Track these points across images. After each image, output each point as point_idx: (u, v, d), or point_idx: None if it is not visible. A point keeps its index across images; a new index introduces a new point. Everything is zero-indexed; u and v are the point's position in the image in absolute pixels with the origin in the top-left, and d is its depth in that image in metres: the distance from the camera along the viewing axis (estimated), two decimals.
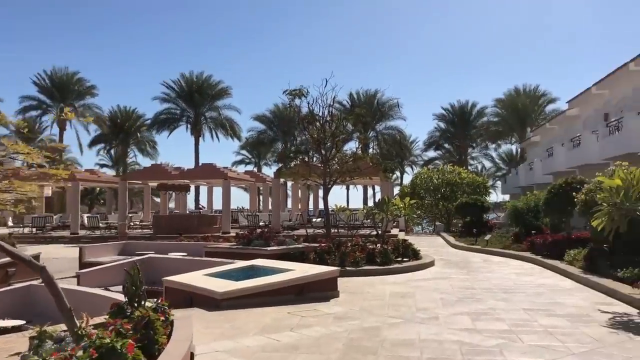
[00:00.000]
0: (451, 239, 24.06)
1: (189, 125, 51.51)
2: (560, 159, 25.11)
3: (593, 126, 23.52)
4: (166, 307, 5.36)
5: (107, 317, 5.19)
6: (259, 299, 8.98)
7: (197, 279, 9.92)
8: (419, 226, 42.60)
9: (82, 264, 15.28)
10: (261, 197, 39.27)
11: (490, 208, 29.80)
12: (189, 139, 51.79)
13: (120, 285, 13.01)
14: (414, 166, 61.87)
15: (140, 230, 31.16)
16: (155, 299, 5.66)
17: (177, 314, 5.66)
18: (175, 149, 78.83)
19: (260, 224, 27.53)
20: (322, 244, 14.22)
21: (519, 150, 52.78)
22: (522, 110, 49.46)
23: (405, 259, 14.49)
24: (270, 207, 37.91)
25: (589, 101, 25.47)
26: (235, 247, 14.14)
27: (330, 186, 18.18)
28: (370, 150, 56.83)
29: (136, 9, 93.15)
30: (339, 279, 11.65)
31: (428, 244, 23.32)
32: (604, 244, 11.85)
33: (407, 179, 47.24)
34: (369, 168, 19.05)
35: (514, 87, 52.27)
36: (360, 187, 57.50)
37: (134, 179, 30.44)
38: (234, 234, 27.12)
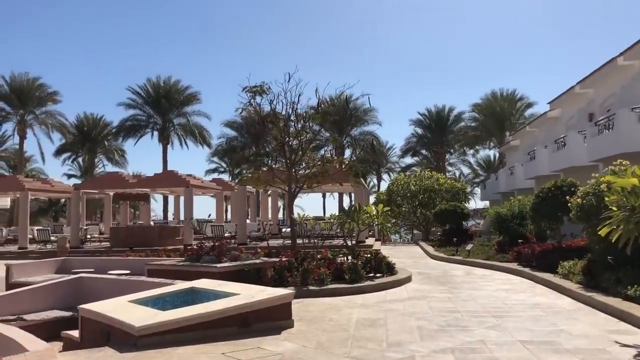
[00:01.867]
0: (430, 249, 22.40)
1: (156, 133, 49.18)
2: (544, 162, 23.69)
3: (577, 127, 22.18)
4: None
5: None
6: (190, 333, 7.09)
7: (117, 307, 7.97)
8: (396, 235, 41.03)
9: (9, 285, 13.19)
10: (229, 206, 37.33)
11: (470, 215, 28.32)
12: (159, 147, 49.53)
13: (43, 311, 11.08)
14: (391, 173, 60.48)
15: (98, 243, 28.89)
16: None
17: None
18: (146, 157, 76.11)
19: (226, 234, 25.54)
20: (283, 259, 12.37)
21: (498, 155, 51.66)
22: (500, 114, 48.32)
23: (378, 275, 12.71)
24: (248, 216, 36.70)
25: (571, 101, 24.16)
26: (181, 264, 12.18)
27: (296, 193, 16.38)
28: (346, 156, 55.37)
29: (100, 12, 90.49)
30: (299, 301, 9.90)
31: (405, 255, 21.62)
32: (607, 255, 10.21)
33: (384, 187, 45.64)
34: (339, 172, 17.30)
35: (491, 91, 51.25)
36: (336, 195, 55.79)
37: (88, 189, 28.17)
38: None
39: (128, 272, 13.49)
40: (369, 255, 13.70)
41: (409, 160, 59.33)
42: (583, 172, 18.59)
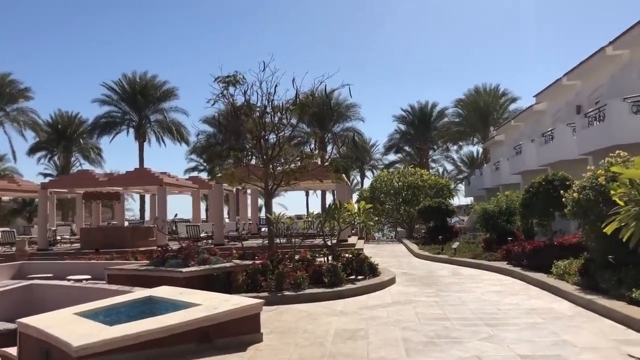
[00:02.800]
0: (414, 247, 21.59)
1: (132, 130, 47.66)
2: (530, 156, 22.99)
3: (564, 120, 21.50)
4: None
5: None
6: (141, 352, 6.12)
7: (60, 321, 6.95)
8: (380, 232, 40.23)
9: None
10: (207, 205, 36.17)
11: (455, 212, 27.59)
12: (136, 144, 47.97)
13: None
14: (374, 170, 59.60)
15: (69, 245, 27.59)
16: None
17: None
18: (123, 156, 74.22)
19: (202, 235, 24.44)
20: (257, 262, 11.40)
21: (482, 151, 51.14)
22: (484, 109, 47.71)
23: (360, 277, 11.80)
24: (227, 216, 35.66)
25: (558, 93, 23.49)
26: (143, 268, 11.13)
27: (273, 190, 15.42)
28: (328, 153, 54.49)
29: (74, 8, 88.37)
30: (273, 308, 9.00)
31: (389, 253, 20.78)
32: (607, 253, 9.40)
33: (368, 184, 44.71)
34: (319, 169, 16.36)
35: (474, 86, 50.64)
36: (320, 192, 54.82)
37: (57, 187, 26.83)
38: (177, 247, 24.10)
39: (89, 277, 12.43)
40: (350, 256, 12.80)
41: (392, 157, 58.62)
42: (572, 166, 17.90)
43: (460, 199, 56.91)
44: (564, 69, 22.08)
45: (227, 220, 32.55)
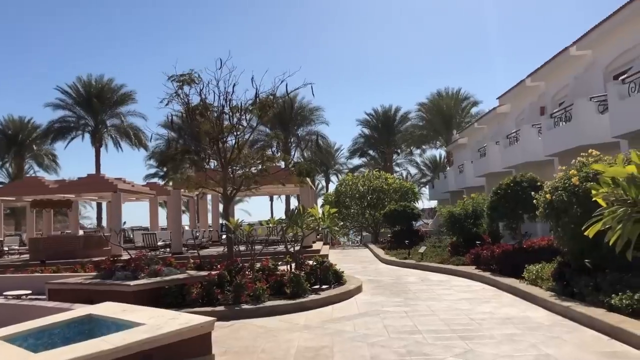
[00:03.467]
0: (380, 252, 21.05)
1: (87, 135, 45.78)
2: (495, 158, 22.81)
3: (528, 121, 21.33)
4: None
5: None
6: None
7: None
8: (345, 237, 39.69)
9: None
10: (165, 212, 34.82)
11: (420, 215, 27.23)
12: (92, 150, 46.01)
13: None
14: (339, 174, 59.14)
15: (17, 256, 26.04)
16: None
17: None
18: (80, 162, 71.44)
19: (160, 243, 23.33)
20: (213, 273, 10.59)
21: (445, 154, 51.27)
22: (447, 113, 47.83)
23: (324, 286, 11.11)
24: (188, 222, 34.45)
25: (522, 95, 23.42)
26: (88, 282, 10.17)
27: (232, 195, 14.62)
28: (292, 156, 53.78)
29: (23, 7, 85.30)
30: (229, 324, 8.26)
31: (354, 259, 20.18)
32: (581, 257, 8.98)
33: (333, 189, 44.07)
34: (281, 172, 15.62)
35: (437, 90, 50.84)
36: (284, 197, 53.98)
37: (2, 195, 25.25)
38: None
39: (29, 292, 11.35)
40: (314, 264, 12.12)
41: (357, 161, 58.34)
42: (538, 167, 17.71)
43: (424, 203, 57.02)
44: (527, 72, 21.99)
45: (187, 227, 31.41)
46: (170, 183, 14.13)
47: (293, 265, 12.08)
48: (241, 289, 9.55)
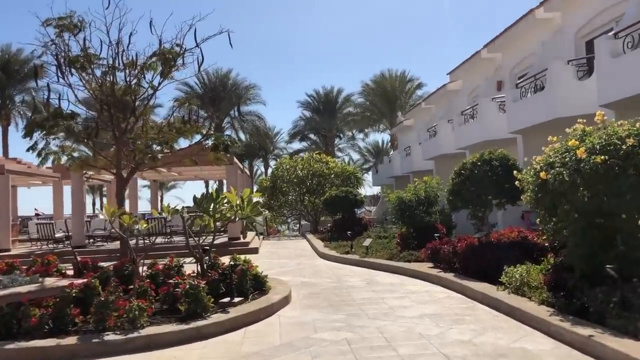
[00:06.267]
0: (319, 245, 18.27)
1: None
2: (447, 139, 20.44)
3: (485, 97, 18.97)
4: None
5: None
6: None
7: None
8: (285, 225, 36.82)
9: None
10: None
11: (363, 202, 24.64)
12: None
13: None
14: (279, 159, 56.09)
15: None
16: None
17: None
18: None
19: (59, 234, 19.61)
20: (76, 282, 7.40)
21: (389, 138, 49.12)
22: (391, 94, 45.45)
23: (237, 299, 8.12)
24: (105, 210, 30.13)
25: (476, 69, 21.10)
26: None
27: (129, 176, 11.45)
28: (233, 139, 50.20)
29: None
30: None
31: (289, 254, 17.32)
32: (595, 259, 6.43)
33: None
34: (193, 147, 12.51)
35: (380, 72, 48.40)
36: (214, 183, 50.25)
37: None
38: (23, 252, 19.12)
39: None
40: (231, 263, 9.17)
41: (297, 145, 55.32)
42: (499, 146, 15.27)
43: (366, 190, 54.89)
44: (478, 48, 19.61)
45: (101, 216, 27.57)
46: (42, 160, 10.70)
47: (207, 267, 9.11)
48: (106, 309, 6.43)
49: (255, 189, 40.13)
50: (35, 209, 37.78)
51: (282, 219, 33.77)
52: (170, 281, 7.74)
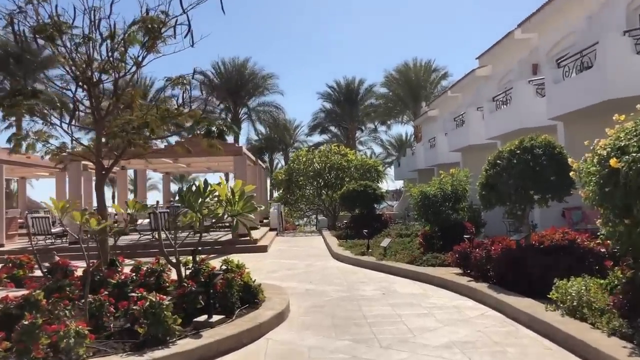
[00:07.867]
0: (333, 243, 16.65)
1: None
2: (476, 128, 18.56)
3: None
4: None
5: None
6: None
7: None
8: (303, 220, 35.22)
9: None
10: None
11: (384, 197, 22.90)
12: None
13: None
14: (295, 152, 54.49)
15: None
16: None
17: None
18: None
19: (57, 229, 18.37)
20: (20, 294, 5.92)
21: (413, 130, 47.12)
22: (415, 83, 43.39)
23: (217, 317, 6.52)
24: (118, 200, 29.16)
25: (509, 52, 19.18)
26: None
27: (111, 165, 9.99)
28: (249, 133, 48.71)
29: None
30: None
31: (300, 253, 15.74)
32: None
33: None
34: (183, 136, 10.98)
35: (404, 62, 46.33)
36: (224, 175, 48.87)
37: None
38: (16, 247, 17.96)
39: None
40: (217, 270, 7.62)
41: (317, 137, 53.65)
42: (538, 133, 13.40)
43: (388, 184, 53.07)
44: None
45: (110, 209, 26.38)
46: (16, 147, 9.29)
47: (187, 273, 7.60)
48: (29, 338, 4.88)
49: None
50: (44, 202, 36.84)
51: (299, 213, 32.22)
52: (133, 294, 6.19)
